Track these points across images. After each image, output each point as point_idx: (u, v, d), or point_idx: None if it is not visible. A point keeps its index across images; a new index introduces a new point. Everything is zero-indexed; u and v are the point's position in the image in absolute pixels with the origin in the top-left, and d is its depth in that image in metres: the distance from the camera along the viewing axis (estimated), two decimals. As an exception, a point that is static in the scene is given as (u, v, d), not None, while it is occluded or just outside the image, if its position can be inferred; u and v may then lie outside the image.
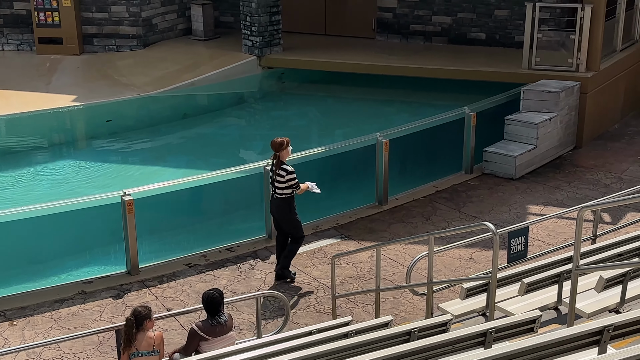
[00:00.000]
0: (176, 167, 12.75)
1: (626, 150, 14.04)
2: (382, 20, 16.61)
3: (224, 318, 6.75)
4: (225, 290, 9.48)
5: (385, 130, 12.26)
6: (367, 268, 10.19)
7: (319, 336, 6.25)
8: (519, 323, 5.10)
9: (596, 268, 6.30)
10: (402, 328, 5.61)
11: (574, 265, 5.67)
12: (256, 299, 7.69)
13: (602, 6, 13.72)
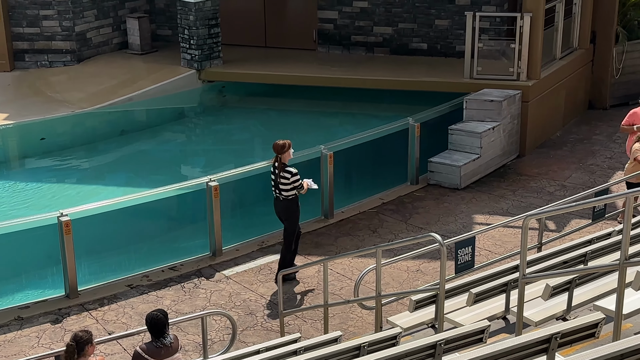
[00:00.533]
0: (115, 185, 12.59)
1: (569, 157, 14.39)
2: (323, 32, 16.72)
3: (169, 339, 6.68)
4: (170, 311, 9.38)
5: (329, 142, 12.34)
6: (315, 283, 10.22)
7: (267, 355, 6.26)
8: (468, 334, 5.18)
9: (542, 276, 6.44)
10: (351, 343, 5.65)
11: (521, 274, 5.79)
12: (202, 319, 7.64)
13: (541, 15, 14.05)
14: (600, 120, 16.13)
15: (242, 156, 13.35)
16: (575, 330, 4.40)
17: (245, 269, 10.61)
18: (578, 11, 15.83)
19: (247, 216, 12.34)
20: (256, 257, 10.93)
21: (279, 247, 11.28)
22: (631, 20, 17.23)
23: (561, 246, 8.68)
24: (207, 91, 15.95)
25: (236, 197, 12.20)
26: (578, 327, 4.39)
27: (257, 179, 11.96)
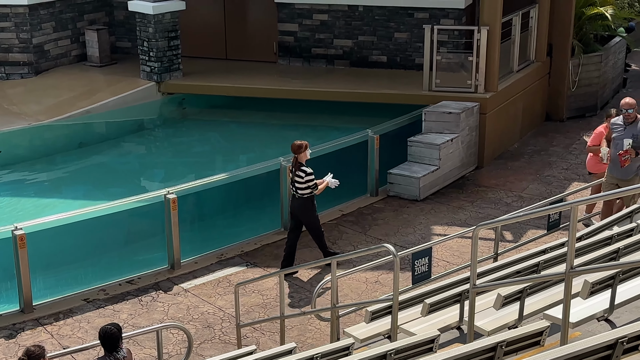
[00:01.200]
0: (73, 199, 12.48)
1: (526, 168, 14.59)
2: (284, 44, 16.79)
3: (122, 354, 6.64)
4: (126, 325, 9.34)
5: (288, 154, 12.36)
6: (274, 295, 10.22)
7: (222, 367, 6.25)
8: (419, 343, 5.24)
9: (492, 286, 6.53)
10: (304, 354, 5.68)
11: (471, 284, 5.87)
12: (157, 332, 7.61)
13: (498, 28, 14.26)
14: (557, 132, 16.39)
15: (202, 169, 13.32)
16: (521, 339, 4.48)
17: (203, 282, 10.58)
18: (534, 24, 16.08)
19: (206, 229, 12.32)
20: (215, 270, 10.92)
21: (238, 259, 11.31)
22: (587, 33, 17.56)
23: (515, 256, 8.80)
24: (167, 103, 15.90)
25: (195, 210, 12.16)
26: (524, 336, 4.47)
27: (216, 191, 11.98)
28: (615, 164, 10.12)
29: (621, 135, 10.02)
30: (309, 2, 16.36)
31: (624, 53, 19.13)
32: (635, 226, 8.68)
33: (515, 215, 6.44)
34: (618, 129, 10.08)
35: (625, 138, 9.93)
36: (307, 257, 11.22)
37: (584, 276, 6.18)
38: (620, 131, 10.05)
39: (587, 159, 12.01)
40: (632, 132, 9.97)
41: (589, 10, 17.14)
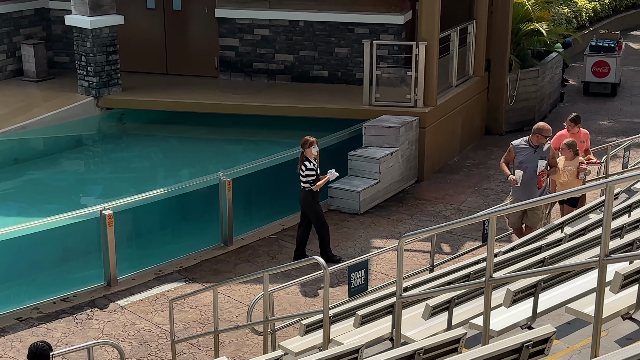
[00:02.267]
0: (6, 216, 12.30)
1: (465, 182, 14.88)
2: (225, 59, 16.85)
3: (51, 371, 6.60)
4: (60, 344, 9.26)
5: (227, 169, 12.44)
6: (212, 311, 10.22)
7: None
8: (344, 353, 5.35)
9: (419, 296, 6.68)
10: (233, 367, 5.73)
11: (397, 295, 6.00)
12: (88, 350, 7.57)
13: (436, 43, 14.56)
14: (496, 145, 16.72)
15: (141, 184, 13.27)
16: (439, 346, 4.62)
17: (141, 298, 10.56)
18: (472, 40, 16.45)
19: (144, 245, 12.28)
20: (153, 286, 10.90)
21: (177, 275, 11.31)
22: (524, 48, 18.01)
23: (449, 267, 9.00)
24: (106, 119, 15.80)
25: (133, 226, 12.12)
26: (441, 343, 4.61)
27: (155, 207, 11.96)
28: (525, 186, 10.08)
29: (530, 157, 10.08)
30: (250, 17, 16.47)
31: (560, 68, 19.65)
32: (564, 236, 8.97)
33: (438, 227, 6.60)
34: (526, 152, 10.13)
35: (539, 159, 10.03)
36: (247, 272, 11.22)
37: (508, 285, 6.38)
38: (529, 154, 10.11)
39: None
40: (541, 155, 10.09)
41: (525, 26, 17.59)
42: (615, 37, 21.05)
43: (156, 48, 17.06)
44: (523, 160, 10.17)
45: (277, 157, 13.15)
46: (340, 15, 16.08)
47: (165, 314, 10.10)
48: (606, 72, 20.12)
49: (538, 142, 10.12)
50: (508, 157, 10.45)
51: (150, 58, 16.99)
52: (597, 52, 20.18)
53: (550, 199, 8.92)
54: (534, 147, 10.17)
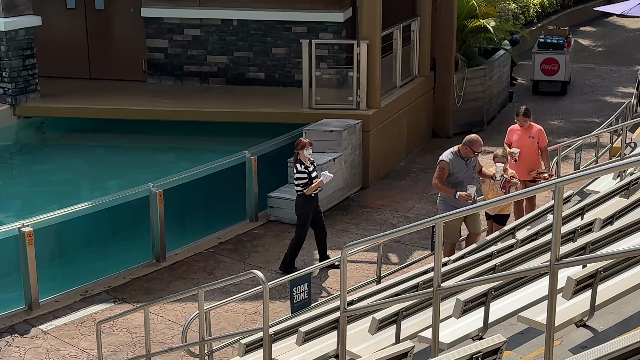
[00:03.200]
0: None
1: (412, 187, 14.98)
2: (153, 62, 16.70)
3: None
4: (-24, 374, 9.02)
5: (159, 179, 12.29)
6: (144, 333, 10.05)
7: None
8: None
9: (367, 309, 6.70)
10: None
11: (342, 308, 6.01)
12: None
13: (378, 42, 14.65)
14: (444, 148, 16.51)
15: (64, 198, 13.03)
16: (384, 361, 4.63)
17: (65, 322, 10.35)
18: (416, 38, 16.61)
19: (69, 264, 12.04)
20: (78, 308, 10.69)
21: (105, 295, 11.13)
22: (470, 46, 18.23)
23: (397, 278, 9.05)
24: (24, 128, 15.51)
25: (56, 243, 11.89)
26: (389, 358, 4.62)
27: (80, 222, 11.75)
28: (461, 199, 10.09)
29: (464, 170, 10.23)
30: (179, 17, 16.36)
31: (509, 66, 19.96)
32: (515, 242, 9.10)
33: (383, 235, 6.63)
34: (459, 166, 10.23)
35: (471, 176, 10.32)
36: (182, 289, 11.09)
37: (458, 295, 6.43)
38: (462, 168, 10.23)
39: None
40: (472, 165, 10.31)
41: (471, 23, 17.82)
42: (564, 33, 21.49)
43: (78, 51, 16.82)
44: (460, 176, 10.22)
45: (212, 166, 13.05)
46: (276, 13, 16.08)
47: (92, 338, 9.88)
48: (555, 69, 20.53)
49: (467, 155, 10.20)
50: (443, 176, 10.26)
51: (71, 62, 16.74)
52: (546, 49, 20.58)
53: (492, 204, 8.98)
54: (464, 160, 10.23)
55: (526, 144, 11.59)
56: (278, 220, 13.45)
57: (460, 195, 10.11)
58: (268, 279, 9.04)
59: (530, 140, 11.59)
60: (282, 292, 10.76)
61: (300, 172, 11.37)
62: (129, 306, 10.69)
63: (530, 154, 11.56)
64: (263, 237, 12.99)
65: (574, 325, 6.01)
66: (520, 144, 11.59)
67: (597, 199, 10.28)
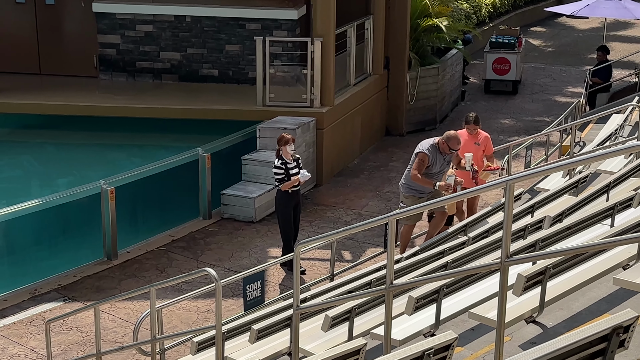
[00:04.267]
0: None
1: (366, 185, 15.04)
2: (105, 57, 16.50)
3: None
4: None
5: (110, 177, 12.17)
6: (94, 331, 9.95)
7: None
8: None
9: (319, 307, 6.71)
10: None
11: (295, 306, 6.00)
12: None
13: (332, 40, 14.67)
14: (397, 146, 16.99)
15: (13, 195, 12.80)
16: (338, 358, 4.63)
17: (14, 321, 10.19)
18: (370, 36, 16.66)
19: (16, 262, 11.84)
20: (27, 307, 10.54)
21: (55, 294, 10.98)
22: (423, 45, 18.34)
23: (350, 275, 9.08)
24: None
25: (3, 242, 11.68)
26: (341, 355, 4.63)
27: (29, 220, 11.57)
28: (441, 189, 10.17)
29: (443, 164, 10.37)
30: (132, 12, 16.19)
31: (461, 65, 20.15)
32: (467, 239, 9.19)
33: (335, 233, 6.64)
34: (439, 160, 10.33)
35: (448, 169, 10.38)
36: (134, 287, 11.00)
37: (410, 292, 6.47)
38: (441, 162, 10.34)
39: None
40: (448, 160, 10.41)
41: (424, 22, 17.94)
42: (515, 33, 21.75)
43: (27, 46, 16.54)
44: (434, 170, 10.27)
45: (165, 163, 12.98)
46: (230, 10, 16.01)
47: (41, 337, 9.75)
48: (507, 69, 20.78)
49: (444, 151, 10.26)
50: (422, 167, 10.19)
51: (20, 57, 16.46)
52: (497, 48, 20.82)
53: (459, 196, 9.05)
54: (442, 155, 10.30)
55: (471, 150, 11.49)
56: (232, 218, 13.40)
57: (440, 185, 10.15)
58: (221, 277, 9.02)
59: (476, 147, 11.40)
60: (235, 290, 10.71)
61: (277, 167, 11.33)
62: (79, 305, 10.54)
63: (476, 161, 11.42)
64: (216, 235, 12.93)
65: (524, 322, 6.08)
66: (466, 150, 11.50)
67: (547, 196, 10.41)
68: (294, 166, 11.42)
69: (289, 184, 11.34)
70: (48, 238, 12.18)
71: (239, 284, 10.33)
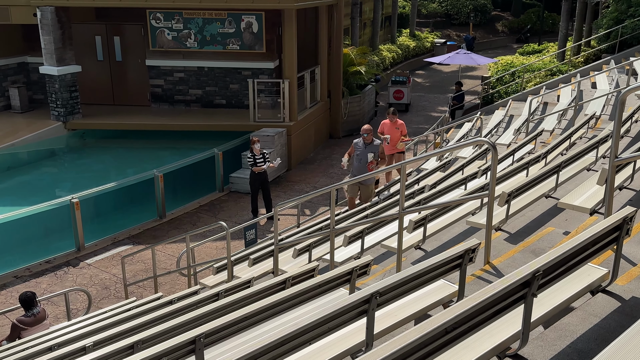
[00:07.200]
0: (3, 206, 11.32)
1: (318, 169, 14.98)
2: (155, 93, 16.16)
3: (37, 310, 6.15)
4: (45, 292, 8.63)
5: (159, 167, 11.97)
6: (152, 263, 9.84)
7: (111, 313, 5.94)
8: (241, 284, 5.26)
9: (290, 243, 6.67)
10: (167, 298, 5.52)
11: (275, 243, 5.96)
12: (65, 295, 7.10)
13: (294, 80, 14.54)
14: (336, 145, 16.95)
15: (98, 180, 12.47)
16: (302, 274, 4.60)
17: (102, 258, 10.06)
18: (318, 77, 16.55)
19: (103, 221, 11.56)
20: (110, 249, 10.40)
21: (127, 240, 10.79)
22: (351, 82, 18.29)
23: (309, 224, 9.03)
24: (72, 137, 14.67)
25: (94, 209, 11.39)
26: (303, 272, 4.60)
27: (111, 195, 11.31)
28: (359, 171, 9.54)
29: (363, 152, 9.53)
30: (170, 65, 15.85)
31: (374, 95, 20.09)
32: (379, 199, 9.17)
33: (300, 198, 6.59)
34: (359, 148, 9.60)
35: (368, 153, 9.50)
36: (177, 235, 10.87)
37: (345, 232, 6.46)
38: (361, 149, 9.56)
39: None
40: (371, 150, 9.52)
41: (351, 68, 17.86)
42: (406, 74, 21.77)
43: (104, 85, 16.14)
44: (358, 153, 9.90)
45: (194, 158, 12.84)
46: (232, 63, 15.76)
47: (119, 267, 9.64)
48: (402, 96, 20.80)
49: (365, 140, 9.67)
50: (350, 151, 9.95)
51: (101, 93, 16.06)
52: (396, 84, 20.83)
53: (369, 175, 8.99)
54: (365, 144, 9.79)
55: (392, 131, 11.23)
56: (236, 191, 13.27)
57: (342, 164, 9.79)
58: (229, 227, 8.97)
59: (395, 130, 11.21)
60: (239, 235, 10.66)
61: (249, 157, 11.47)
62: (142, 247, 10.42)
63: (396, 138, 11.17)
64: (227, 202, 12.81)
65: (414, 248, 6.12)
66: (389, 132, 11.20)
67: (426, 173, 10.47)
68: (260, 157, 11.40)
69: (256, 168, 11.37)
70: (122, 206, 11.97)
71: (241, 231, 10.28)
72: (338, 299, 3.83)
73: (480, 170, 8.18)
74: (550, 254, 2.85)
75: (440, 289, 3.74)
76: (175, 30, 15.57)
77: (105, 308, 6.83)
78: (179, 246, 10.48)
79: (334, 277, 3.67)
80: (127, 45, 16.01)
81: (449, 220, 6.39)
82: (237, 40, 15.51)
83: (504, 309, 2.67)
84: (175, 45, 15.66)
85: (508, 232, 5.45)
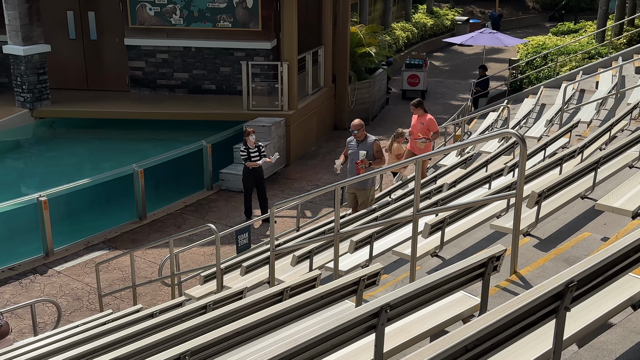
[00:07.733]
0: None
1: (321, 164, 15.03)
2: (134, 77, 16.20)
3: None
4: (9, 303, 8.69)
5: (140, 161, 12.01)
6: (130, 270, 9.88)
7: (83, 327, 5.98)
8: (233, 294, 5.28)
9: (289, 249, 6.70)
10: (147, 311, 5.55)
11: (271, 249, 5.99)
12: (31, 306, 7.14)
13: (295, 63, 14.58)
14: (342, 137, 16.92)
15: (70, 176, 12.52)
16: (301, 284, 4.63)
17: (73, 264, 10.11)
18: (322, 60, 16.57)
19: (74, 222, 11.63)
20: (83, 254, 10.46)
21: (102, 245, 10.84)
22: (359, 66, 18.31)
23: (310, 227, 9.07)
24: (40, 126, 14.76)
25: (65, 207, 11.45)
26: (303, 282, 4.62)
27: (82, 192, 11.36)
28: (350, 172, 9.36)
29: (355, 150, 9.33)
30: (153, 45, 15.88)
31: (385, 80, 20.13)
32: (390, 200, 9.21)
33: (299, 197, 6.62)
34: (352, 147, 9.38)
35: (360, 151, 9.25)
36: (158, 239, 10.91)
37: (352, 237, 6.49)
38: (354, 147, 9.36)
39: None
40: (363, 147, 9.27)
41: (359, 50, 17.88)
42: (422, 57, 21.79)
43: (77, 68, 16.18)
44: (351, 152, 9.71)
45: (180, 151, 12.92)
46: (223, 42, 15.77)
47: (93, 276, 9.67)
48: (417, 82, 20.82)
49: (356, 137, 9.33)
50: (346, 151, 9.79)
51: (73, 77, 16.10)
52: (411, 68, 20.85)
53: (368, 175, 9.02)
54: (358, 142, 9.58)
55: (417, 127, 10.85)
56: (227, 189, 13.32)
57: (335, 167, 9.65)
58: (219, 230, 8.98)
59: (421, 126, 10.80)
60: (230, 239, 10.69)
61: (242, 150, 11.47)
62: (119, 252, 10.46)
63: (417, 135, 10.81)
64: (216, 201, 12.86)
65: (430, 256, 6.14)
66: (412, 128, 10.96)
67: (445, 169, 10.49)
68: (255, 150, 11.43)
69: (250, 163, 11.41)
70: (97, 205, 12.02)
71: (232, 235, 10.30)
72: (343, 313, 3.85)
73: (506, 167, 8.20)
74: (586, 262, 2.87)
75: (460, 302, 3.76)
76: (159, 4, 15.60)
77: (77, 322, 6.87)
78: (162, 252, 10.51)
79: (338, 287, 3.69)
80: (103, 21, 16.05)
81: (471, 223, 6.39)
82: (229, 16, 15.53)
83: (532, 325, 2.69)
84: (158, 22, 15.69)
85: (538, 237, 5.46)
